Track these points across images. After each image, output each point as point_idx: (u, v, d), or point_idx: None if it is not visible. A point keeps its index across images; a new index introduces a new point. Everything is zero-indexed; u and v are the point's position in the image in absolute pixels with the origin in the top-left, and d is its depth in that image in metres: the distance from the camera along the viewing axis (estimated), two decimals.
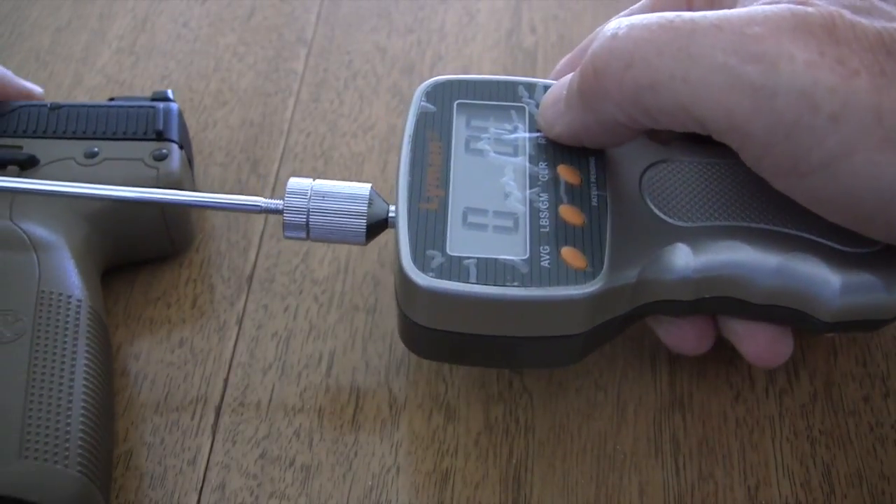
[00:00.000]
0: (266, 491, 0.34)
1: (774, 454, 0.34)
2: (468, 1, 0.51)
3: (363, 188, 0.34)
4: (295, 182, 0.34)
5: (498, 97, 0.35)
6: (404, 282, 0.30)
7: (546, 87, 0.35)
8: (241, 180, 0.42)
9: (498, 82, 0.35)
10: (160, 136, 0.38)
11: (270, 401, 0.36)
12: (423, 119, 0.34)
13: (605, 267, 0.30)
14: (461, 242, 0.31)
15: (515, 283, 0.30)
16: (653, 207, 0.33)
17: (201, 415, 0.35)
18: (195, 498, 0.33)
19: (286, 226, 0.34)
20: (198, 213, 0.41)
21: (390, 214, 0.33)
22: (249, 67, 0.47)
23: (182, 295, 0.39)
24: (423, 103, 0.34)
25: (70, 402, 0.31)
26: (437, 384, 0.36)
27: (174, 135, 0.38)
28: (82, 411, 0.31)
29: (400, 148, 0.33)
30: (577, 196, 0.32)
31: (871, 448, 0.35)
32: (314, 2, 0.51)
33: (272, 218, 0.41)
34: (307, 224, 0.33)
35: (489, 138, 0.34)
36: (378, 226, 0.34)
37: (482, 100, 0.35)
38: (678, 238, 0.32)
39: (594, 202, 0.32)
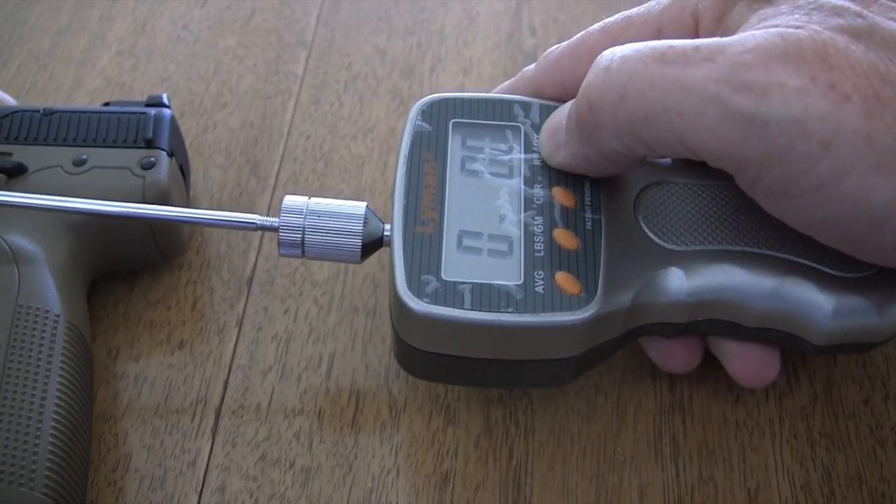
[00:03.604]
0: (266, 493, 0.34)
1: (774, 456, 0.34)
2: (468, 3, 0.51)
3: (359, 207, 0.34)
4: (291, 200, 0.34)
5: (494, 116, 0.35)
6: (399, 307, 0.30)
7: (541, 107, 0.35)
8: (240, 182, 0.42)
9: (494, 101, 0.35)
10: (149, 144, 0.37)
11: (270, 403, 0.36)
12: (418, 138, 0.34)
13: (599, 292, 0.30)
14: (456, 267, 0.31)
15: (510, 310, 0.30)
16: (647, 231, 0.33)
17: (201, 417, 0.35)
18: (195, 500, 0.33)
19: (281, 243, 0.34)
20: None
21: (385, 233, 0.34)
22: (249, 70, 0.47)
23: (182, 297, 0.39)
24: (418, 122, 0.34)
25: (40, 421, 0.31)
26: (436, 386, 0.36)
27: (164, 143, 0.38)
28: (52, 431, 0.31)
29: (395, 167, 0.33)
30: (571, 219, 0.32)
31: (871, 450, 0.35)
32: (314, 4, 0.51)
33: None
34: (302, 242, 0.33)
35: (484, 159, 0.34)
36: (373, 245, 0.34)
37: (478, 119, 0.35)
38: (672, 262, 0.32)
39: (588, 226, 0.32)
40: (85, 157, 0.37)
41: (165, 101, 0.40)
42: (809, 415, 0.35)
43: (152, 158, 0.37)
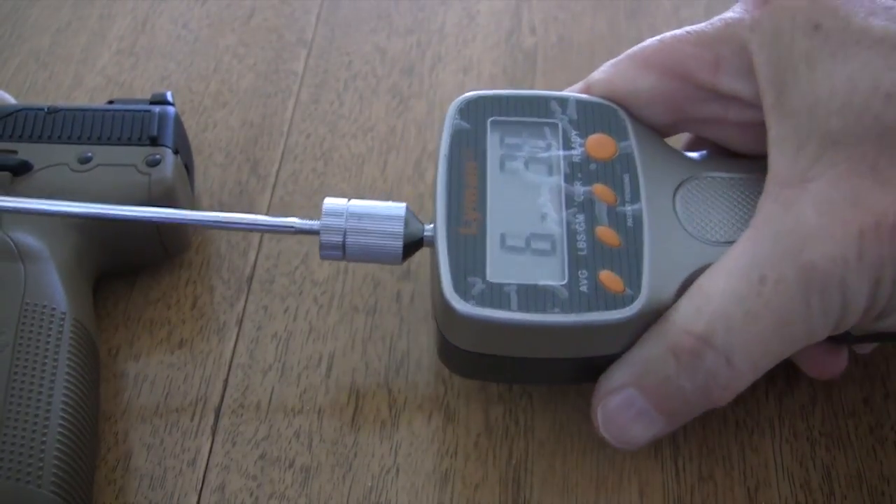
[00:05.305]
0: (266, 492, 0.34)
1: (774, 456, 0.34)
2: (468, 2, 0.51)
3: (399, 208, 0.34)
4: (331, 202, 0.34)
5: (531, 113, 0.35)
6: (446, 308, 0.31)
7: (578, 103, 0.35)
8: (240, 181, 0.42)
9: (530, 98, 0.35)
10: (154, 142, 0.38)
11: (270, 402, 0.36)
12: (457, 137, 0.34)
13: (642, 290, 0.31)
14: (501, 268, 0.31)
15: (556, 310, 0.30)
16: (686, 226, 0.33)
17: (201, 416, 0.35)
18: (195, 499, 0.33)
19: (323, 246, 0.34)
20: None
21: (426, 234, 0.34)
22: (249, 68, 0.47)
23: (182, 296, 0.39)
24: (457, 120, 0.34)
25: (47, 418, 0.31)
26: (436, 385, 0.36)
27: (168, 140, 0.38)
28: (60, 429, 0.31)
29: (436, 167, 0.33)
30: (612, 216, 0.32)
31: (871, 449, 0.35)
32: (314, 3, 0.51)
33: None
34: (343, 245, 0.33)
35: (524, 157, 0.34)
36: (414, 245, 0.34)
37: (515, 116, 0.35)
38: (712, 257, 0.32)
39: (630, 223, 0.32)
40: (90, 154, 0.37)
41: (169, 98, 0.40)
42: (809, 414, 0.35)
43: (157, 156, 0.37)
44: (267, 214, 0.41)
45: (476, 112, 0.34)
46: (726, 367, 0.30)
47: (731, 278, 0.30)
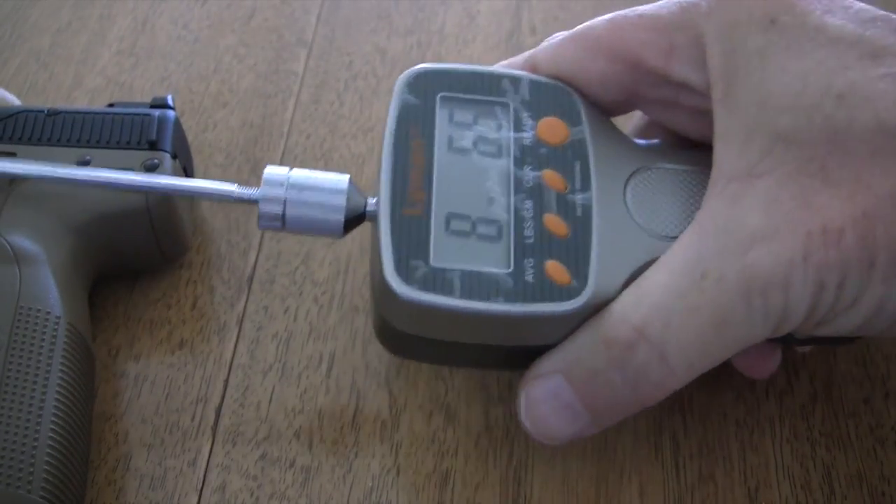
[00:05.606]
0: (266, 492, 0.34)
1: (774, 455, 0.34)
2: (468, 2, 0.51)
3: (341, 180, 0.33)
4: (272, 171, 0.33)
5: (482, 91, 0.34)
6: (385, 290, 0.30)
7: (531, 83, 0.34)
8: (241, 181, 0.42)
9: (482, 74, 0.34)
10: (153, 146, 0.37)
11: (270, 402, 0.36)
12: (405, 112, 0.33)
13: (589, 282, 0.30)
14: (445, 252, 0.30)
15: (500, 299, 0.29)
16: (636, 218, 0.32)
17: (201, 416, 0.35)
18: (195, 499, 0.33)
19: (261, 216, 0.33)
20: (195, 219, 0.41)
21: (368, 208, 0.33)
22: (249, 69, 0.47)
23: (182, 296, 0.39)
24: (405, 95, 0.33)
25: (39, 423, 0.30)
26: (437, 385, 0.36)
27: (167, 144, 0.38)
28: (51, 434, 0.30)
29: (382, 142, 0.32)
30: (562, 204, 0.31)
31: (872, 449, 0.35)
32: (314, 3, 0.51)
33: None
34: (283, 216, 0.33)
35: (473, 137, 0.33)
36: (355, 220, 0.33)
37: (466, 93, 0.34)
38: (661, 251, 0.31)
39: (579, 212, 0.31)
40: (88, 157, 0.37)
41: (170, 102, 0.39)
42: (810, 414, 0.35)
43: (156, 160, 0.37)
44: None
45: (426, 86, 0.33)
46: (659, 362, 0.29)
47: (672, 273, 0.29)
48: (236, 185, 0.34)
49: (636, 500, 0.33)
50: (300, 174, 0.33)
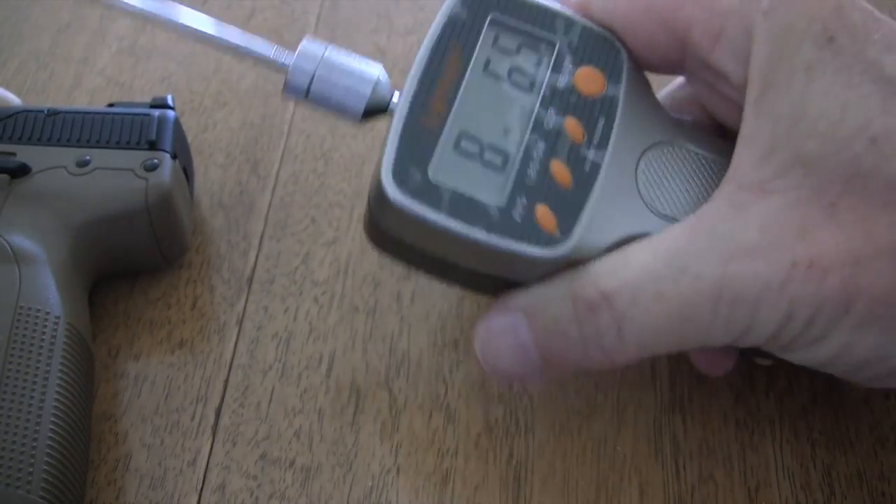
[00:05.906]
0: (266, 492, 0.34)
1: (775, 456, 0.34)
2: None
3: (373, 70, 0.33)
4: (309, 44, 0.33)
5: (534, 23, 0.33)
6: (378, 190, 0.30)
7: (584, 30, 0.33)
8: (241, 181, 0.42)
9: (540, 7, 0.33)
10: (153, 146, 0.37)
11: (270, 402, 0.36)
12: (451, 24, 0.32)
13: (573, 237, 0.30)
14: (445, 168, 0.30)
15: (482, 226, 0.30)
16: (641, 189, 0.32)
17: (201, 416, 0.35)
18: (195, 499, 0.33)
19: (287, 85, 0.33)
20: (195, 219, 0.41)
21: (391, 104, 0.33)
22: (250, 69, 0.47)
23: (182, 296, 0.39)
24: (456, 6, 0.33)
25: (38, 423, 0.30)
26: (437, 385, 0.36)
27: (167, 145, 0.38)
28: (50, 434, 0.31)
29: (419, 46, 0.32)
30: (573, 155, 0.31)
31: (872, 449, 0.35)
32: (314, 3, 0.51)
33: (272, 219, 0.41)
34: (308, 89, 0.33)
35: (510, 65, 0.32)
36: (376, 111, 0.33)
37: (517, 20, 0.33)
38: (654, 228, 0.31)
39: (587, 167, 0.31)
40: (88, 158, 0.37)
41: (170, 102, 0.39)
42: (810, 414, 0.35)
43: (156, 160, 0.37)
44: (268, 213, 0.41)
45: (479, 2, 0.33)
46: (615, 333, 0.30)
47: (656, 256, 0.29)
48: (276, 46, 0.34)
49: (636, 500, 0.33)
50: (335, 54, 0.33)
